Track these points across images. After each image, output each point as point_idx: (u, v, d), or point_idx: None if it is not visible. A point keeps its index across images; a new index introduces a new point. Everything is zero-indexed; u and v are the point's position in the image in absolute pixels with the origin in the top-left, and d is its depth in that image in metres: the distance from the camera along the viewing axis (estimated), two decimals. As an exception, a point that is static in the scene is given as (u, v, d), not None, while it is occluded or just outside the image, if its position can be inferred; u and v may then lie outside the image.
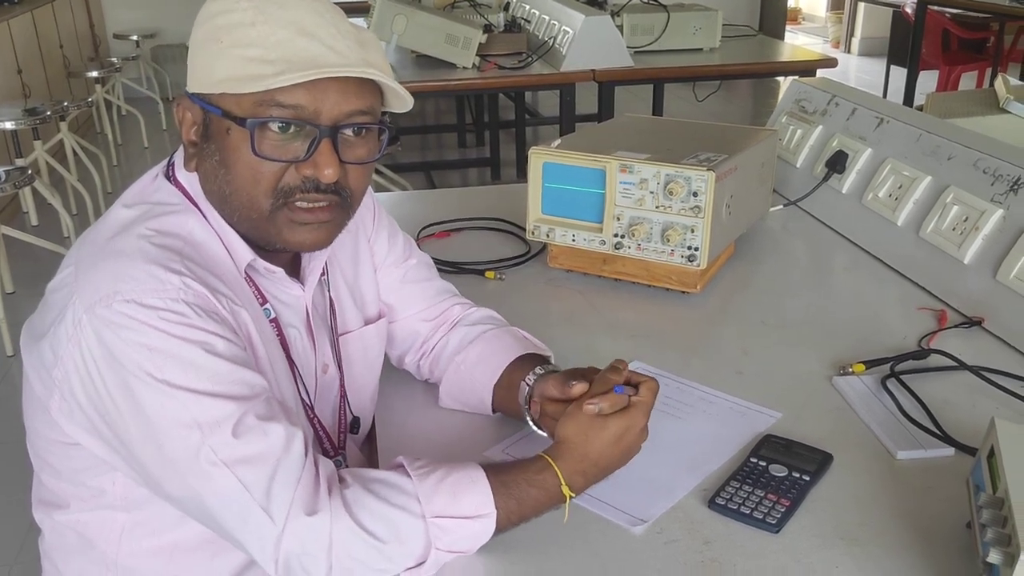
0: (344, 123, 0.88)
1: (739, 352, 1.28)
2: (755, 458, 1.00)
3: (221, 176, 0.89)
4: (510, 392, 1.08)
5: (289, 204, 0.89)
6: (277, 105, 0.85)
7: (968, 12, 5.63)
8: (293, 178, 0.88)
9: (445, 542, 0.84)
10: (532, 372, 1.06)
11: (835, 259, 1.63)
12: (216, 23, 0.86)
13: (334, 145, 0.88)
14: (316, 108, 0.86)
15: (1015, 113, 1.76)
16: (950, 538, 0.90)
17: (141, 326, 0.80)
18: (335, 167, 0.88)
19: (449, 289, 1.22)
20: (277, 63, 0.83)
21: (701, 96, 4.30)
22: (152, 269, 0.83)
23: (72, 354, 0.83)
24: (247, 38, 0.84)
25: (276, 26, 0.85)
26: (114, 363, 0.81)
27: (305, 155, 0.87)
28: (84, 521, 0.95)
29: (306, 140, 0.87)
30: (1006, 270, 1.30)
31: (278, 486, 0.80)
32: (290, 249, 0.95)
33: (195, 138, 0.91)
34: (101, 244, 0.87)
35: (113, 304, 0.81)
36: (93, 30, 6.64)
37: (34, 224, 4.35)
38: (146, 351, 0.80)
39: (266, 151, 0.86)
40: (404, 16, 3.14)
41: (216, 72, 0.86)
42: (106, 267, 0.84)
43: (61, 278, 0.88)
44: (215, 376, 0.81)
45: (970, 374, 1.18)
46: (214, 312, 0.85)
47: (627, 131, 1.64)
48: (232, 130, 0.87)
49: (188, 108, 0.91)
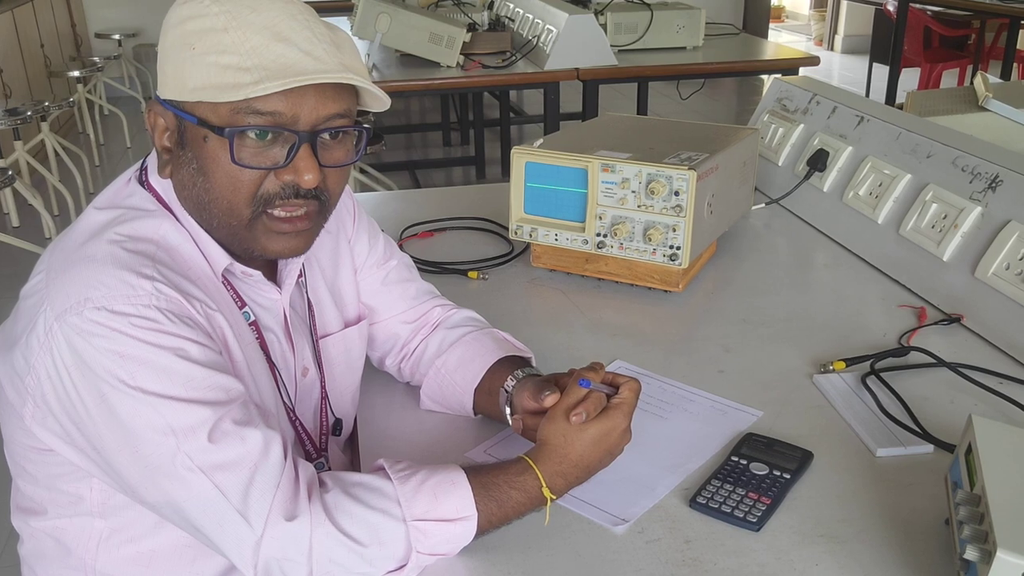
0: (322, 127, 0.87)
1: (721, 351, 1.28)
2: (736, 457, 1.01)
3: (200, 184, 0.88)
4: (491, 396, 1.07)
5: (268, 212, 0.89)
6: (255, 112, 0.84)
7: (949, 10, 5.66)
8: (273, 185, 0.88)
9: (426, 545, 0.84)
10: (512, 376, 1.05)
11: (816, 257, 1.63)
12: (187, 28, 0.85)
13: (313, 150, 0.87)
14: (294, 114, 0.85)
15: (994, 111, 1.77)
16: (929, 535, 0.90)
17: (113, 333, 0.79)
18: (315, 172, 0.87)
19: (430, 290, 1.22)
20: (254, 71, 0.82)
21: (685, 94, 4.31)
22: (123, 275, 0.82)
23: (44, 362, 0.82)
24: (221, 44, 0.83)
25: (250, 31, 0.83)
26: (86, 371, 0.80)
27: (285, 161, 0.86)
28: (62, 528, 0.94)
29: (285, 146, 0.86)
30: (984, 267, 1.31)
31: (256, 491, 0.80)
32: (268, 257, 0.95)
33: (169, 144, 0.90)
34: (72, 250, 0.86)
35: (84, 311, 0.80)
36: (75, 29, 6.59)
37: (15, 225, 4.31)
38: (118, 358, 0.79)
39: (245, 159, 0.85)
40: (388, 15, 3.13)
41: (190, 79, 0.84)
42: (77, 274, 0.83)
43: (33, 284, 0.88)
44: (189, 382, 0.81)
45: (949, 371, 1.19)
46: (187, 317, 0.84)
47: (609, 130, 1.64)
48: (209, 138, 0.86)
49: (160, 114, 0.89)
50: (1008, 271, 1.28)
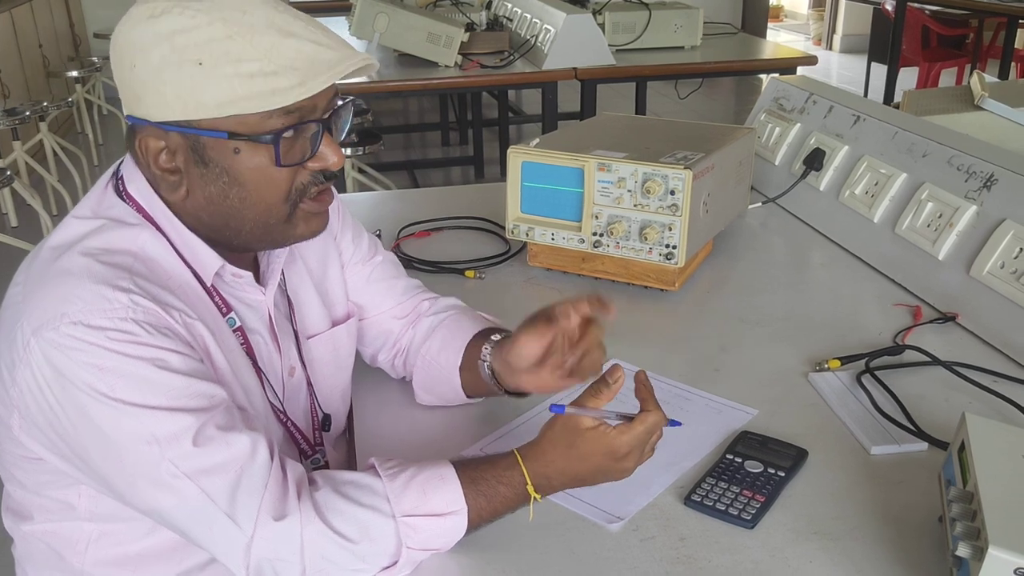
0: (331, 109, 0.89)
1: (716, 349, 1.29)
2: (731, 455, 1.01)
3: (234, 194, 0.87)
4: (474, 372, 1.07)
5: (303, 200, 0.91)
6: (286, 113, 0.84)
7: (947, 9, 5.67)
8: (304, 176, 0.90)
9: (416, 540, 0.84)
10: (486, 343, 1.05)
11: (812, 256, 1.64)
12: (178, 43, 0.81)
13: (330, 133, 0.90)
14: (314, 105, 0.86)
15: (990, 110, 1.77)
16: (923, 532, 0.91)
17: (90, 347, 0.79)
18: (340, 153, 0.91)
19: (417, 285, 1.22)
20: (285, 72, 0.82)
21: (683, 94, 4.32)
22: (99, 289, 0.81)
23: (25, 377, 0.81)
24: (232, 53, 0.81)
25: (255, 34, 0.81)
26: (67, 385, 0.79)
27: (312, 151, 0.88)
28: (52, 532, 0.94)
29: (307, 135, 0.88)
30: (979, 266, 1.31)
31: (243, 493, 0.80)
32: (299, 241, 0.96)
33: (173, 166, 0.87)
34: (49, 262, 0.85)
35: (60, 326, 0.79)
36: (73, 29, 6.59)
37: (14, 225, 4.32)
38: (97, 371, 0.79)
39: (286, 159, 0.87)
40: (386, 15, 3.13)
41: (208, 96, 0.81)
42: (52, 288, 0.82)
43: (11, 296, 0.87)
44: (170, 391, 0.80)
45: (944, 369, 1.19)
46: (166, 328, 0.83)
47: (606, 130, 1.64)
48: (242, 149, 0.85)
49: (156, 137, 0.86)
50: (1003, 270, 1.28)
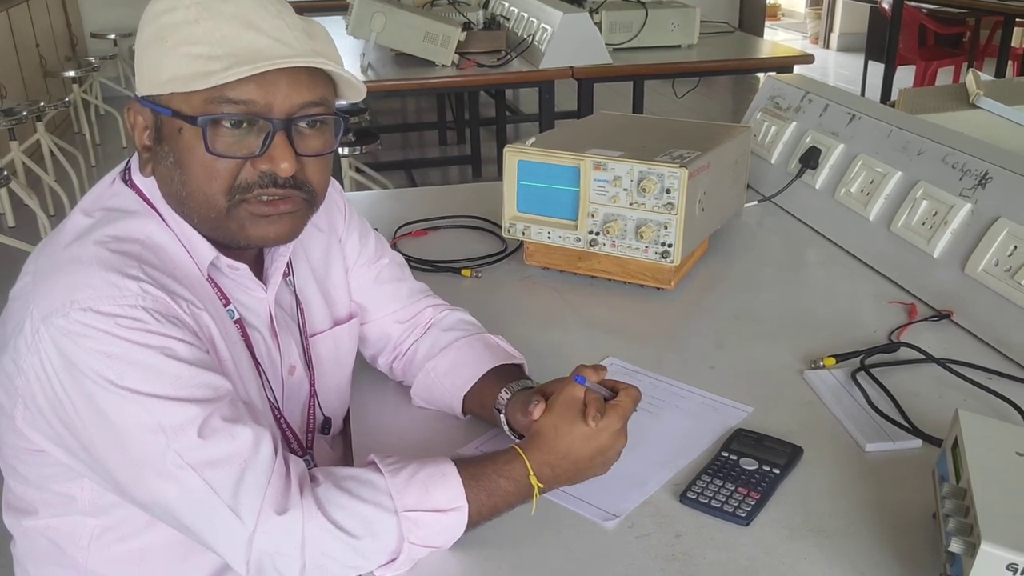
0: (297, 115, 0.87)
1: (712, 347, 1.29)
2: (726, 452, 1.02)
3: (177, 177, 0.89)
4: (483, 406, 1.07)
5: (248, 199, 0.89)
6: (227, 101, 0.84)
7: (944, 7, 5.68)
8: (250, 174, 0.88)
9: (418, 536, 0.84)
10: (505, 389, 1.04)
11: (808, 254, 1.64)
12: (161, 23, 0.86)
13: (289, 138, 0.87)
14: (267, 102, 0.85)
15: (985, 108, 1.78)
16: (917, 528, 0.91)
17: (99, 334, 0.80)
18: (291, 160, 0.87)
19: (423, 289, 1.22)
20: (223, 58, 0.83)
21: (680, 93, 4.32)
22: (109, 276, 0.82)
23: (32, 364, 0.82)
24: (192, 36, 0.84)
25: (220, 21, 0.84)
26: (74, 372, 0.80)
27: (260, 150, 0.87)
28: (54, 527, 0.95)
29: (260, 135, 0.87)
30: (974, 264, 1.32)
31: (246, 487, 0.80)
32: (254, 244, 0.94)
33: (148, 142, 0.90)
34: (58, 252, 0.86)
35: (70, 313, 0.80)
36: (70, 29, 6.59)
37: (11, 225, 4.31)
38: (105, 358, 0.79)
39: (220, 148, 0.86)
40: (383, 14, 3.13)
41: (163, 72, 0.85)
42: (62, 276, 0.83)
43: (20, 287, 0.88)
44: (177, 380, 0.81)
45: (938, 367, 1.20)
46: (174, 316, 0.84)
47: (602, 129, 1.65)
48: (184, 129, 0.86)
49: (139, 112, 0.90)
50: (997, 267, 1.28)
